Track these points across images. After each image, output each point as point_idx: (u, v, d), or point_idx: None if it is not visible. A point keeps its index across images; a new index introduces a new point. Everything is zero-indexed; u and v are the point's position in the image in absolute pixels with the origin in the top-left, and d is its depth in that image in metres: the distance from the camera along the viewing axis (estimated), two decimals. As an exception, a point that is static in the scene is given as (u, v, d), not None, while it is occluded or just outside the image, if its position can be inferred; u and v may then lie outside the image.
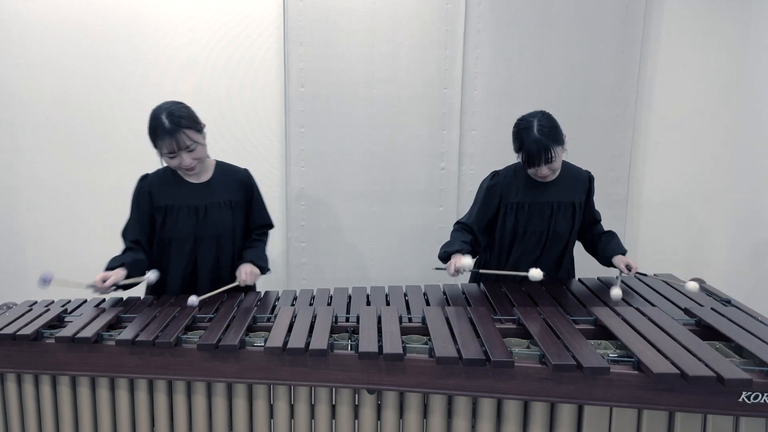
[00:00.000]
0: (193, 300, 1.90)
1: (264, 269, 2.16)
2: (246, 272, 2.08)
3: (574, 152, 2.20)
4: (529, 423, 1.53)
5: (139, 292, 2.11)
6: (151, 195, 2.08)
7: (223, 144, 2.94)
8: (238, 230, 2.17)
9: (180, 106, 2.00)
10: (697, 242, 3.13)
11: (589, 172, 2.24)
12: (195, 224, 2.08)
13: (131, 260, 2.03)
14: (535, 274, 1.98)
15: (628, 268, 2.10)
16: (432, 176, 3.01)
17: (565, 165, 2.18)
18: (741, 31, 2.95)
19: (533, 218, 2.16)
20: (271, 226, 2.29)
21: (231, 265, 2.15)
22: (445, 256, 2.12)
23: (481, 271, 2.16)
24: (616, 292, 1.96)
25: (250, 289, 2.18)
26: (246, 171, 2.21)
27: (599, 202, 2.33)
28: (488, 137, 2.98)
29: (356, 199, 3.02)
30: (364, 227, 3.05)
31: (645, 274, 2.17)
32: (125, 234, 2.12)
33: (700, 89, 3.00)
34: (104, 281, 1.92)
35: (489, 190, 2.20)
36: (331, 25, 2.86)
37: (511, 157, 2.25)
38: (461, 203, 3.01)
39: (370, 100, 2.93)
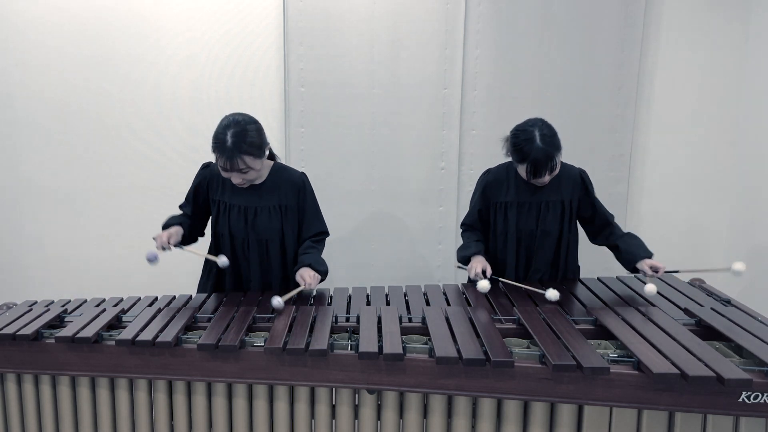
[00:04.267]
0: (279, 301, 1.85)
1: (323, 273, 2.07)
2: (309, 276, 2.00)
3: (574, 152, 2.19)
4: (529, 423, 1.53)
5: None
6: (209, 185, 2.11)
7: (223, 144, 2.95)
8: (288, 235, 2.11)
9: (251, 127, 1.94)
10: (697, 242, 3.13)
11: (581, 170, 2.20)
12: (244, 225, 2.07)
13: (185, 220, 2.10)
14: (551, 294, 1.90)
15: (654, 270, 2.03)
16: (432, 176, 3.01)
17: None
18: (741, 31, 2.95)
19: (522, 217, 2.16)
20: (327, 233, 2.21)
21: (281, 270, 2.12)
22: (464, 261, 2.15)
23: (500, 280, 2.10)
24: (650, 288, 1.93)
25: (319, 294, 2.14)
26: (302, 175, 2.16)
27: (599, 202, 2.31)
28: (488, 137, 2.98)
29: (356, 199, 3.02)
30: (364, 227, 3.05)
31: (676, 271, 2.09)
32: (182, 207, 2.17)
33: (700, 89, 3.00)
34: (169, 239, 1.98)
35: (482, 187, 2.22)
36: (331, 25, 2.86)
37: (511, 157, 2.25)
38: (461, 203, 3.01)
39: (370, 100, 2.93)
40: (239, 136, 1.90)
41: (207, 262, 2.16)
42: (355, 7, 2.85)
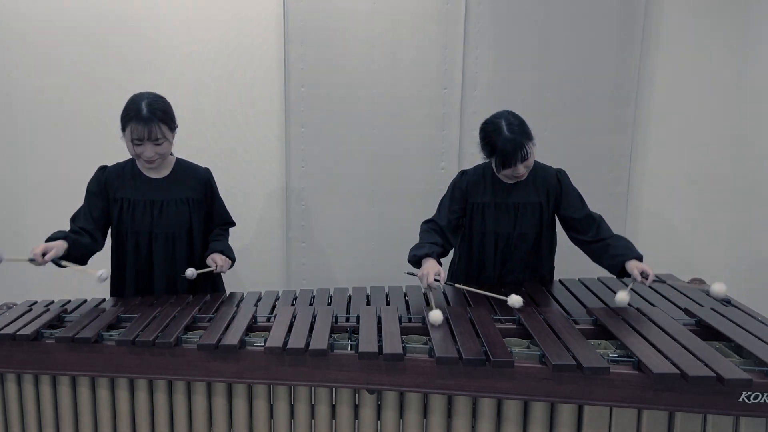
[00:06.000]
0: (192, 272, 2.00)
1: (233, 260, 2.18)
2: (222, 259, 2.11)
3: (574, 152, 2.19)
4: (529, 423, 1.53)
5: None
6: (108, 186, 2.09)
7: (223, 144, 2.95)
8: (195, 228, 2.15)
9: (162, 99, 2.01)
10: (697, 242, 3.13)
11: (558, 170, 2.16)
12: (150, 220, 2.08)
13: (74, 238, 2.00)
14: (515, 301, 1.79)
15: (644, 275, 1.88)
16: (432, 176, 3.01)
17: (534, 164, 2.10)
18: (741, 31, 2.94)
19: (499, 219, 2.14)
20: (232, 223, 2.30)
21: (186, 263, 2.12)
22: (414, 260, 2.05)
23: (457, 286, 2.00)
24: (622, 296, 1.80)
25: (218, 286, 2.24)
26: (206, 170, 2.20)
27: (599, 202, 2.29)
28: (488, 137, 2.97)
29: (356, 199, 3.02)
30: (364, 227, 3.05)
31: (663, 281, 2.06)
32: (74, 219, 2.11)
33: (700, 89, 3.00)
34: (44, 254, 1.88)
35: (457, 188, 2.18)
36: (331, 25, 2.86)
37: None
38: (461, 203, 3.01)
39: (370, 100, 2.93)
40: (154, 105, 1.95)
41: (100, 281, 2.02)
42: (355, 7, 2.85)
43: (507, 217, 2.14)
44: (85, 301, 2.07)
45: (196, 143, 2.87)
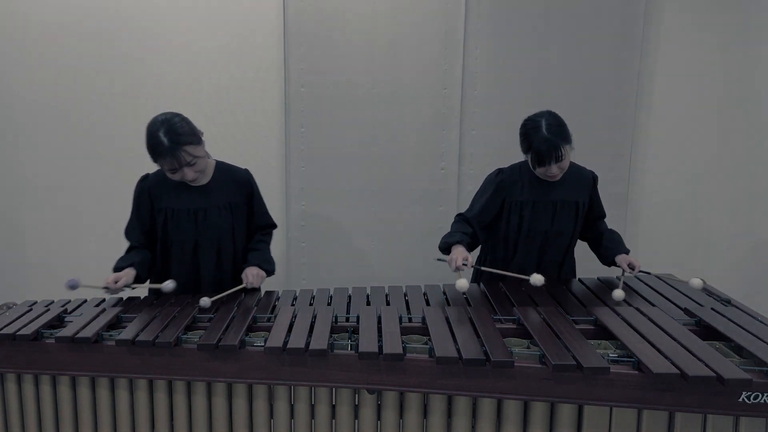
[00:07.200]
0: (206, 301, 1.90)
1: (270, 272, 2.15)
2: (252, 275, 2.07)
3: (574, 152, 2.19)
4: (529, 423, 1.53)
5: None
6: (151, 196, 2.08)
7: (223, 144, 2.93)
8: (238, 232, 2.15)
9: (177, 119, 1.94)
10: (697, 242, 3.13)
11: (592, 172, 2.24)
12: (195, 228, 2.07)
13: (139, 260, 2.05)
14: (536, 279, 1.95)
15: (631, 267, 2.09)
16: (432, 176, 3.01)
17: (570, 164, 2.17)
18: (741, 31, 2.95)
19: (537, 216, 2.16)
20: (274, 226, 2.28)
21: (233, 268, 2.14)
22: (445, 247, 2.14)
23: (482, 268, 2.15)
24: (618, 293, 1.92)
25: (253, 290, 2.17)
26: (246, 171, 2.18)
27: (599, 202, 2.32)
28: (488, 137, 2.98)
29: (356, 199, 3.02)
30: (364, 227, 3.05)
31: (648, 273, 2.16)
32: (128, 234, 2.12)
33: (700, 89, 3.00)
34: (116, 282, 1.93)
35: (495, 185, 2.19)
36: (331, 25, 2.86)
37: (511, 157, 2.25)
38: (461, 203, 3.01)
39: (370, 100, 2.93)
40: (172, 132, 1.90)
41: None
42: (355, 7, 2.85)
43: (545, 215, 2.16)
44: (85, 301, 2.07)
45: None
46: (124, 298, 2.06)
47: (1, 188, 3.03)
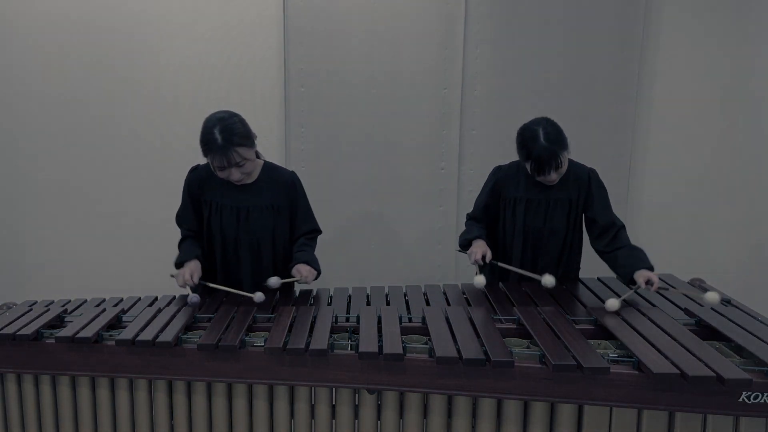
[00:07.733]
0: (275, 281, 1.99)
1: (319, 272, 2.09)
2: (306, 269, 2.03)
3: (574, 152, 2.19)
4: (529, 423, 1.53)
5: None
6: (200, 187, 2.09)
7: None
8: (279, 234, 2.12)
9: (235, 120, 1.95)
10: (697, 242, 3.13)
11: (590, 169, 2.19)
12: (236, 225, 2.07)
13: (199, 253, 2.08)
14: (548, 281, 2.00)
15: (650, 283, 1.90)
16: (432, 176, 3.01)
17: (568, 162, 2.15)
18: (741, 31, 2.94)
19: (530, 214, 2.17)
20: (319, 231, 2.22)
21: (272, 269, 2.10)
22: (465, 243, 2.21)
23: (499, 264, 2.17)
24: (611, 303, 1.80)
25: (304, 293, 2.15)
26: (291, 174, 2.16)
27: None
28: (488, 137, 2.98)
29: (356, 199, 3.02)
30: (364, 227, 3.05)
31: (666, 288, 2.00)
32: (180, 221, 2.14)
33: (700, 89, 3.00)
34: (192, 276, 1.99)
35: (493, 182, 2.24)
36: (331, 25, 2.86)
37: (511, 157, 2.24)
38: (461, 203, 3.01)
39: (370, 100, 2.93)
40: (227, 131, 1.91)
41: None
42: (355, 7, 2.85)
43: (538, 212, 2.17)
44: (85, 301, 2.07)
45: (197, 143, 2.87)
46: (124, 299, 2.06)
47: (1, 188, 3.03)
